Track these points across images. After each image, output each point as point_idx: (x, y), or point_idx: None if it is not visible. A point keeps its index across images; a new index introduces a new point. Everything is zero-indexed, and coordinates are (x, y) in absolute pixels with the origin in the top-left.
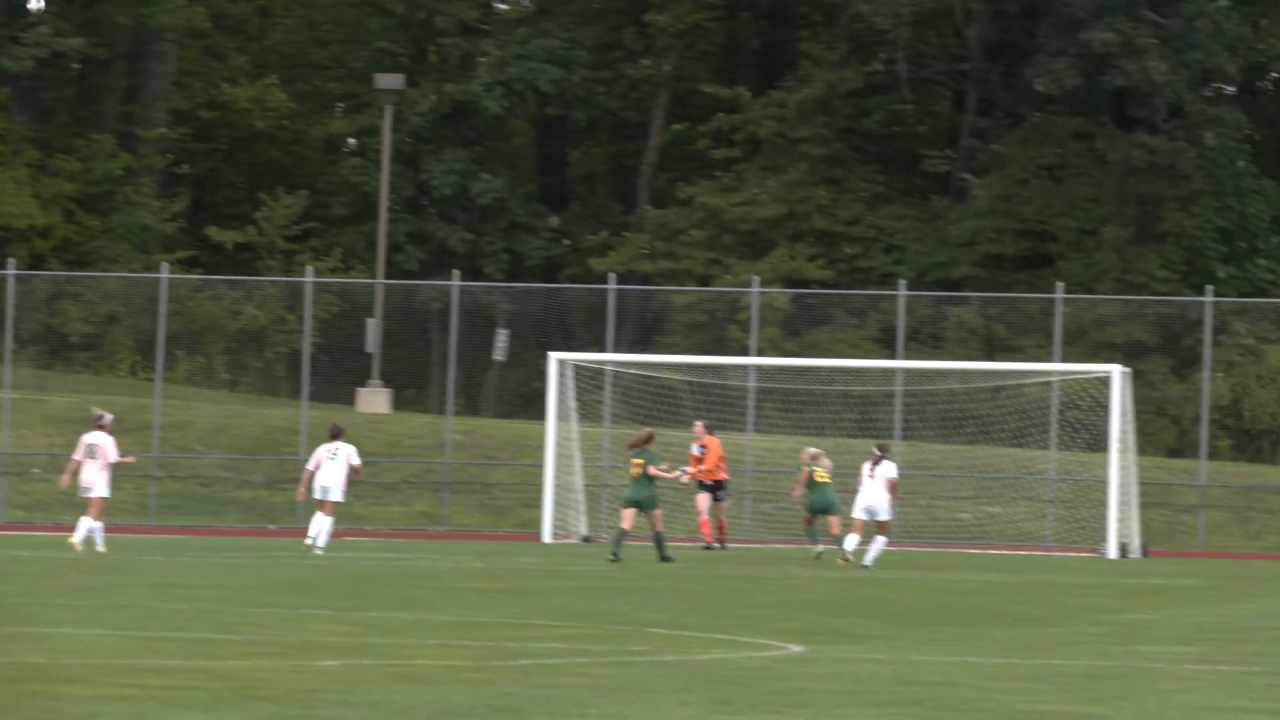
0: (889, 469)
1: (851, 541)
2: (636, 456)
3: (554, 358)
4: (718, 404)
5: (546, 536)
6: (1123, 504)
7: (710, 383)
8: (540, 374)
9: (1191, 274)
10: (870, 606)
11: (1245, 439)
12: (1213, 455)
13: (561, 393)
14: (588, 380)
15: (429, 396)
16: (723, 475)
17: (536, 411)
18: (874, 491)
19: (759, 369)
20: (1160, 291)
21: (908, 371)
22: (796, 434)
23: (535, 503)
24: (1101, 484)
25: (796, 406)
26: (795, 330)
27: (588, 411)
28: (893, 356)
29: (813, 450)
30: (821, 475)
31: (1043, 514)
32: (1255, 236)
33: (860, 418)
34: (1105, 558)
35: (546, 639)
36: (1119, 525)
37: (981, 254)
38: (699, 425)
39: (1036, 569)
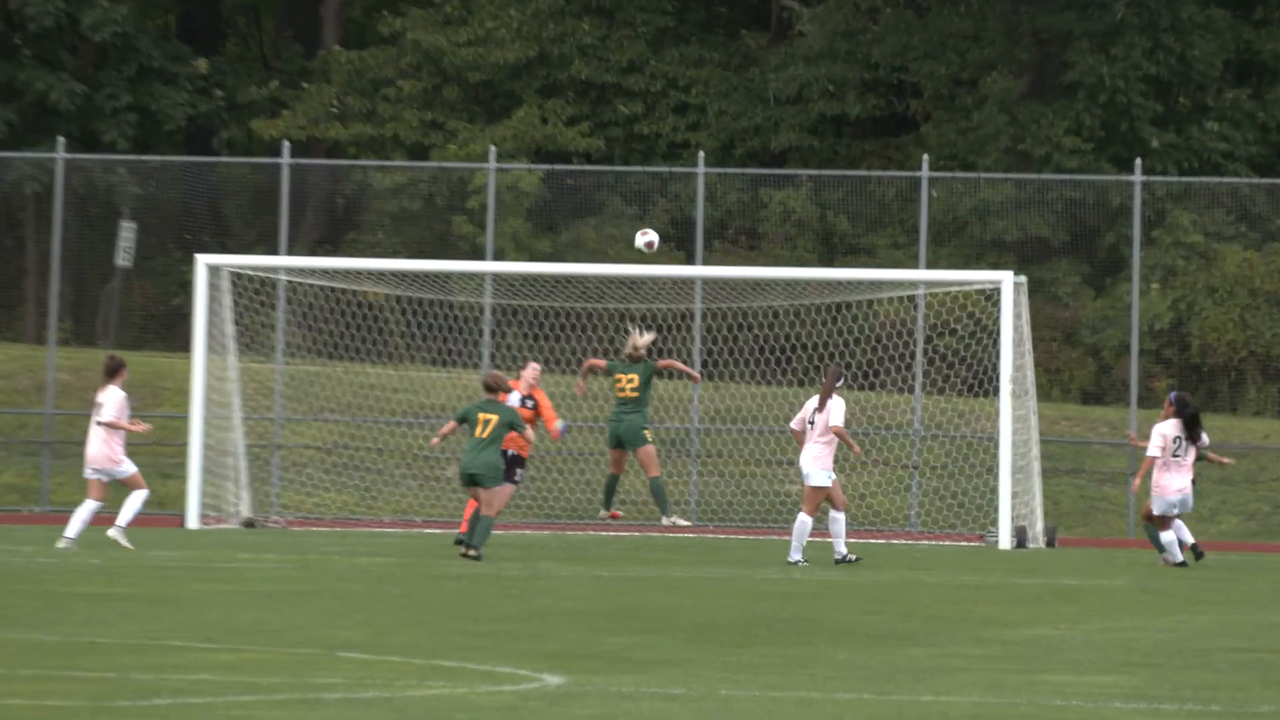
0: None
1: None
2: (489, 411)
3: (202, 262)
4: (439, 328)
5: (192, 520)
6: (1018, 471)
7: (429, 298)
8: (184, 286)
9: (1113, 143)
10: (659, 617)
11: (1192, 377)
12: (1147, 401)
13: (213, 313)
14: (252, 295)
15: (22, 319)
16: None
17: (177, 340)
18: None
19: (497, 278)
20: (1069, 169)
21: (709, 282)
22: (555, 371)
23: (176, 472)
24: (988, 442)
25: (551, 332)
26: (549, 223)
27: (252, 340)
28: (688, 261)
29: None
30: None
31: (905, 485)
32: (1202, 90)
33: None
34: (995, 548)
35: (194, 668)
36: (1013, 502)
37: (814, 115)
38: (533, 369)
39: (897, 563)
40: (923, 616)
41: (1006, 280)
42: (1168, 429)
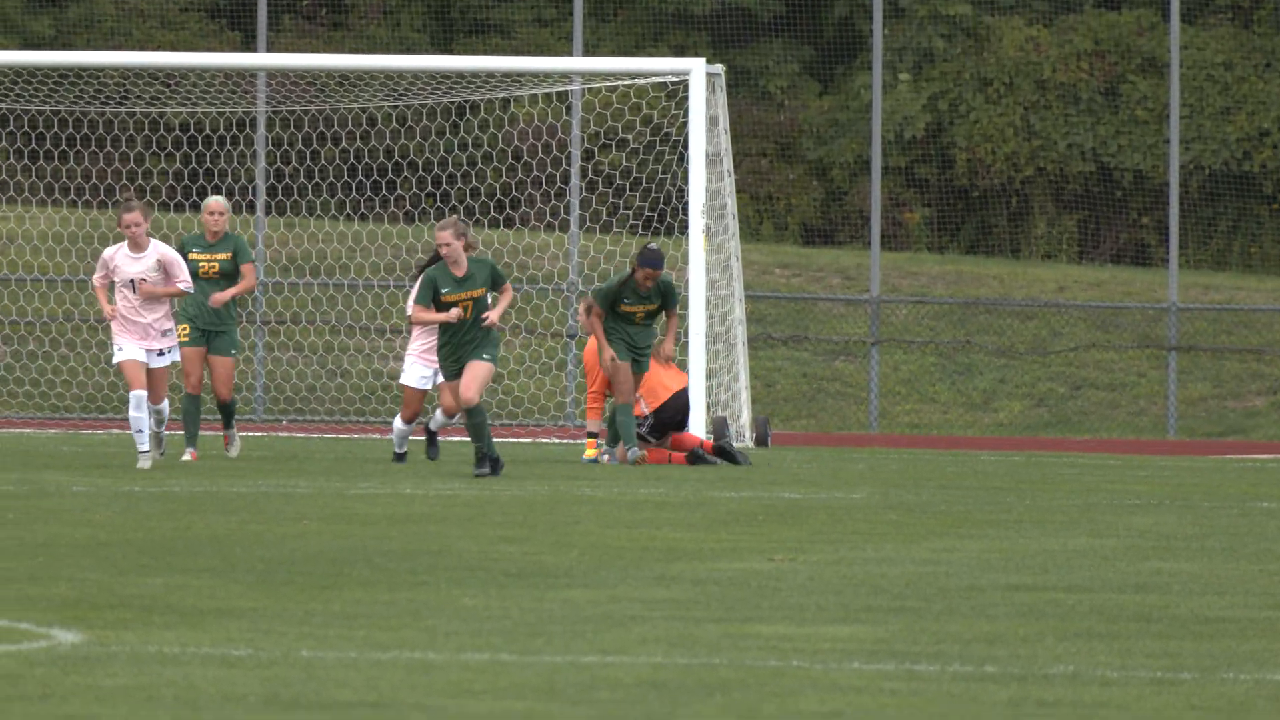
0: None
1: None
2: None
3: None
4: None
5: None
6: (715, 341)
7: None
8: None
9: None
10: (213, 551)
11: (957, 204)
12: (895, 240)
13: None
14: None
15: None
16: None
17: None
18: None
19: None
20: None
21: (276, 75)
22: (69, 205)
23: None
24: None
25: (54, 149)
26: None
27: None
28: (246, 45)
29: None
30: None
31: (558, 362)
32: None
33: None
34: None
35: None
36: (709, 384)
37: None
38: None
39: (547, 472)
40: (583, 546)
41: (697, 70)
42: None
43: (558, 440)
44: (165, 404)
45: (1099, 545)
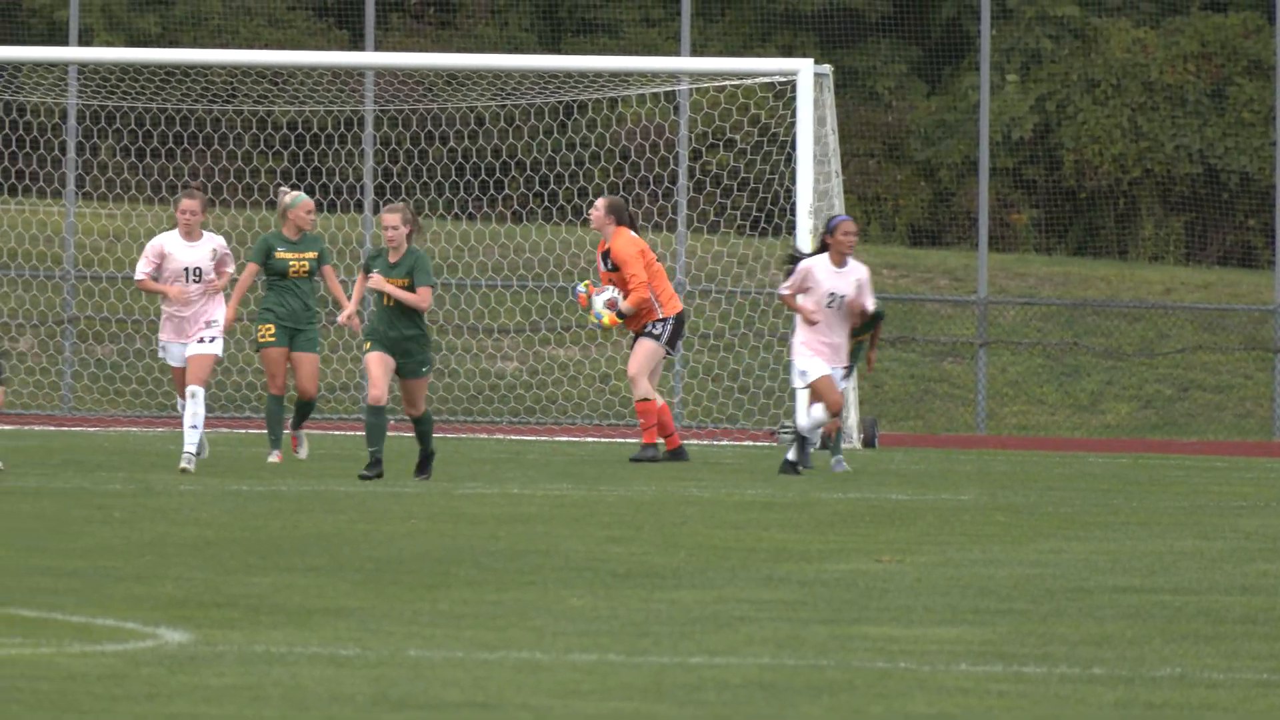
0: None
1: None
2: None
3: None
4: (4, 142)
5: None
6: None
7: None
8: None
9: None
10: (321, 550)
11: (1064, 205)
12: (1002, 241)
13: None
14: None
15: None
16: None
17: None
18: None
19: (84, 71)
20: None
21: (385, 74)
22: (166, 203)
23: None
24: (780, 300)
25: (161, 147)
26: None
27: None
28: (354, 44)
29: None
30: None
31: (665, 362)
32: None
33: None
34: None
35: None
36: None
37: None
38: (601, 204)
39: (655, 472)
40: (690, 546)
41: (804, 70)
42: None
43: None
44: (201, 393)
45: (1206, 547)
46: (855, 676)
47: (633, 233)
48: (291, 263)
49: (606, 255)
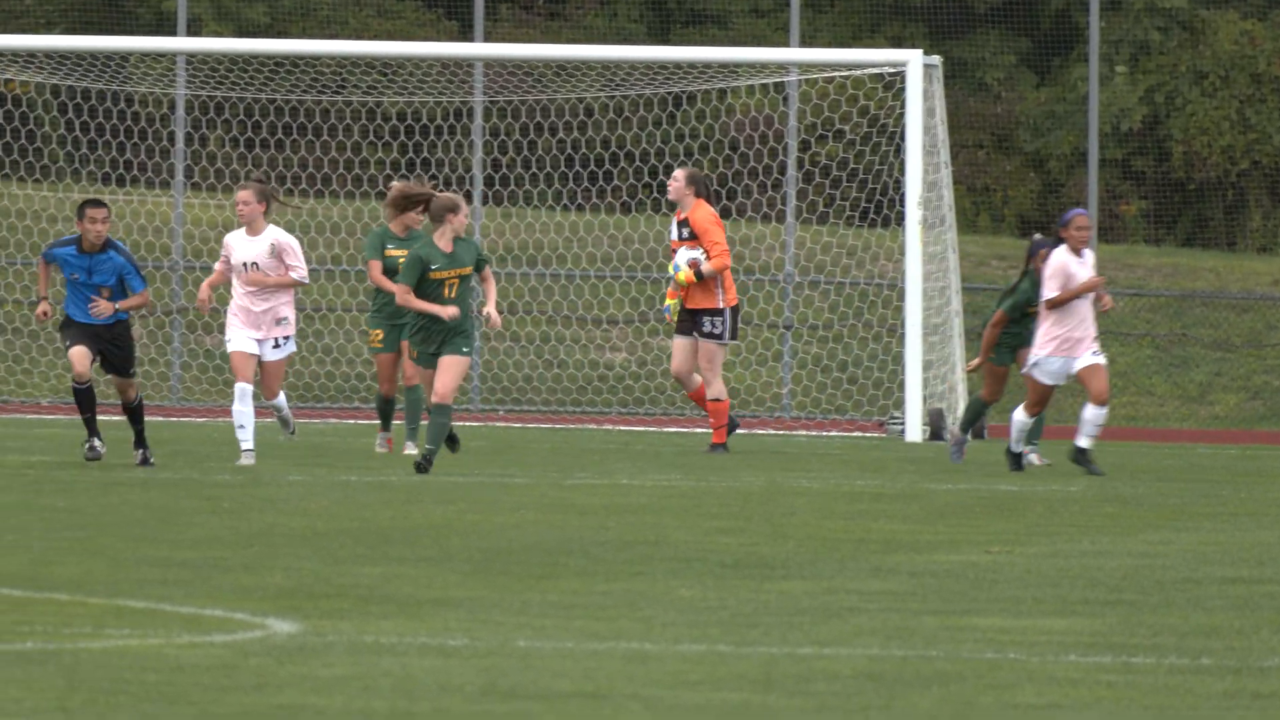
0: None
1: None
2: None
3: None
4: (113, 132)
5: None
6: (932, 333)
7: (100, 89)
8: None
9: None
10: (430, 540)
11: (1173, 197)
12: (1111, 232)
13: None
14: None
15: None
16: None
17: None
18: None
19: (193, 61)
20: None
21: (494, 65)
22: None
23: None
24: (890, 292)
25: (270, 138)
26: None
27: None
28: (464, 34)
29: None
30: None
31: (774, 353)
32: None
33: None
34: (900, 440)
35: None
36: (925, 376)
37: None
38: (680, 174)
39: (763, 462)
40: (800, 537)
41: (914, 61)
42: None
43: (773, 431)
44: (282, 397)
45: None
46: (964, 667)
47: (711, 207)
48: (400, 261)
49: (683, 224)
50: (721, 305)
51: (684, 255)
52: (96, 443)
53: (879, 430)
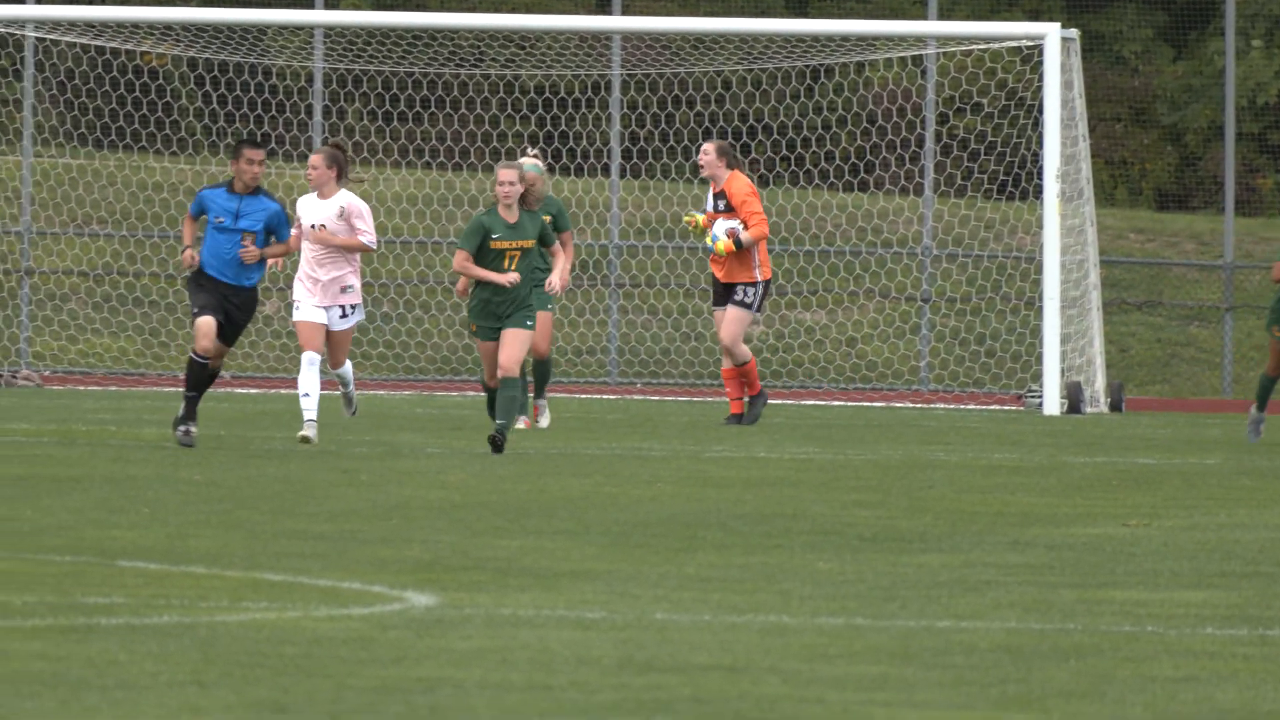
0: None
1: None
2: None
3: None
4: (251, 104)
5: None
6: (1070, 306)
7: (237, 62)
8: None
9: None
10: (568, 513)
11: None
12: (1248, 205)
13: None
14: None
15: None
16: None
17: None
18: None
19: (330, 33)
20: None
21: (632, 38)
22: (413, 166)
23: None
24: (1028, 265)
25: (407, 110)
26: None
27: None
28: (603, 8)
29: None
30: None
31: (911, 326)
32: None
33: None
34: (1038, 413)
35: None
36: (1063, 349)
37: None
38: (710, 147)
39: (901, 436)
40: (937, 510)
41: (1051, 34)
42: None
43: (911, 405)
44: (348, 367)
45: None
46: (1102, 640)
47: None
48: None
49: (719, 196)
50: (758, 278)
51: (721, 226)
52: (193, 428)
53: (1017, 404)
